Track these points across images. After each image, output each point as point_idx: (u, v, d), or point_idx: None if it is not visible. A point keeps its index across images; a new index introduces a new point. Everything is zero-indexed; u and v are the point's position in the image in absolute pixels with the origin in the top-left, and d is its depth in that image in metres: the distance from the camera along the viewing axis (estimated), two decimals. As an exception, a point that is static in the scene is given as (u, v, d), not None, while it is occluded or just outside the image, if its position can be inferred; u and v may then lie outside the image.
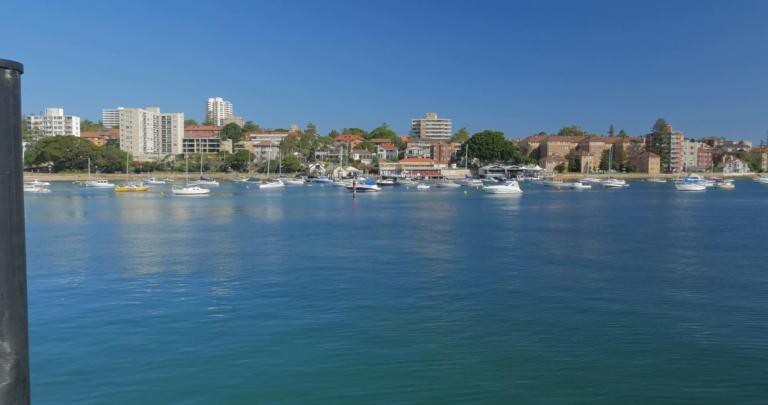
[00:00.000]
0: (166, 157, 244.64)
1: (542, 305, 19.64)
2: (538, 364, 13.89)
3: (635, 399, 11.89)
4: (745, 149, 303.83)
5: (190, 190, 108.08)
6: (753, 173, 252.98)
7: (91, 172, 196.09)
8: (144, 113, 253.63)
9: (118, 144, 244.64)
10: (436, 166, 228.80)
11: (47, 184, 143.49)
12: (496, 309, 19.16)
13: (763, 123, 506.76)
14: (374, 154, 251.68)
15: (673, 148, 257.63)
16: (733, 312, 18.65)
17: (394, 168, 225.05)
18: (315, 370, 13.47)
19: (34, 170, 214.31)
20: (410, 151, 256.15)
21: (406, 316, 18.31)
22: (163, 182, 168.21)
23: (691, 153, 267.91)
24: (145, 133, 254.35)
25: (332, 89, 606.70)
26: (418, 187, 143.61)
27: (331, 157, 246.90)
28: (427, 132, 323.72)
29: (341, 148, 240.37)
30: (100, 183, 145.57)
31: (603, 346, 15.14)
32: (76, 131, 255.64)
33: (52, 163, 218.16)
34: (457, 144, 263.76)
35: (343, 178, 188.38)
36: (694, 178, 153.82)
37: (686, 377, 12.98)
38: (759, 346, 15.08)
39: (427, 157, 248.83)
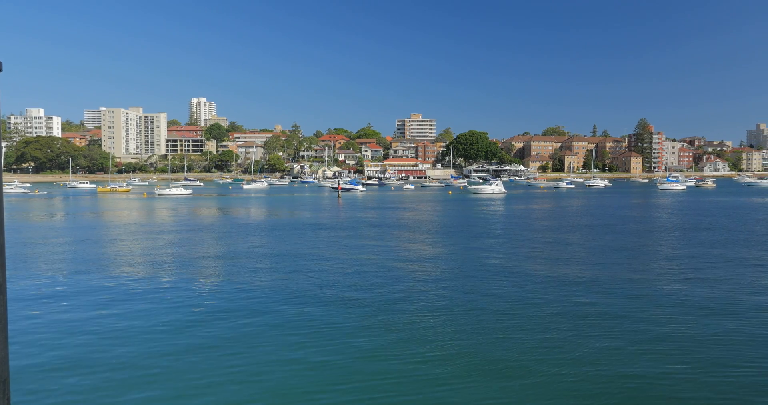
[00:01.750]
0: (149, 157, 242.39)
1: (524, 303, 19.83)
2: (519, 365, 14.06)
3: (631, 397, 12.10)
4: (725, 149, 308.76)
5: (174, 191, 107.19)
6: (733, 173, 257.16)
7: (73, 173, 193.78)
8: (126, 113, 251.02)
9: (100, 144, 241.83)
10: (420, 166, 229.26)
11: (28, 185, 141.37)
12: (478, 306, 19.31)
13: (742, 123, 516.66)
14: (359, 154, 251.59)
15: (655, 148, 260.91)
16: (715, 314, 19.02)
17: (379, 168, 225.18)
18: (290, 365, 13.52)
19: (15, 171, 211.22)
20: (395, 152, 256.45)
21: (390, 314, 18.39)
22: (146, 183, 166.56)
23: (673, 153, 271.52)
24: (127, 134, 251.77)
25: (317, 89, 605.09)
26: (404, 187, 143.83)
27: (315, 157, 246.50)
28: (411, 132, 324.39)
29: (326, 148, 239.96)
30: (82, 184, 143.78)
31: (584, 347, 15.36)
32: (57, 132, 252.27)
33: (32, 164, 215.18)
34: (442, 144, 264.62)
35: (328, 178, 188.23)
36: (675, 177, 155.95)
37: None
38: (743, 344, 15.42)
39: (412, 158, 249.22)
